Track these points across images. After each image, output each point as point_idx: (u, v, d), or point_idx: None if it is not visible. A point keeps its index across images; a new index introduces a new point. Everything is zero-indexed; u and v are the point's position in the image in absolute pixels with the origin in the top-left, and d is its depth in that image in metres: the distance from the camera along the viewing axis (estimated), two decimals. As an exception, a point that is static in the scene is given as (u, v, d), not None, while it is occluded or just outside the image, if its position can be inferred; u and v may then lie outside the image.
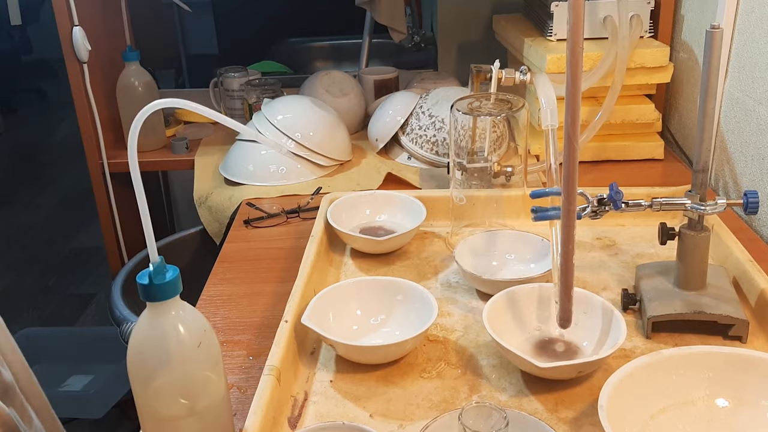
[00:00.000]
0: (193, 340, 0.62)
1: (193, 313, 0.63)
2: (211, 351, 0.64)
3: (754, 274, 0.90)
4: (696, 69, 1.38)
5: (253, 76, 1.71)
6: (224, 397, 0.66)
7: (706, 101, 0.81)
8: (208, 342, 0.64)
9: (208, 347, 0.63)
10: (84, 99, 1.55)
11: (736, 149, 1.22)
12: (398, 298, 0.89)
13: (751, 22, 1.16)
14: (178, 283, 0.61)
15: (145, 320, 0.62)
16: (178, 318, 0.62)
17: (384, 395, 0.78)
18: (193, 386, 0.63)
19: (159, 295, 0.60)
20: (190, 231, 1.56)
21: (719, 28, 0.79)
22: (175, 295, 0.61)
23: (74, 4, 1.47)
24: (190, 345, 0.62)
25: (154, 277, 0.60)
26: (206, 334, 0.64)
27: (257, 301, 0.99)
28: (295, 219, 1.23)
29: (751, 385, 0.72)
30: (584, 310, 0.84)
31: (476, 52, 1.86)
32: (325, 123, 1.42)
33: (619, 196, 0.86)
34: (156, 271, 0.60)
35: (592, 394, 0.76)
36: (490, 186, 1.13)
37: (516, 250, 1.01)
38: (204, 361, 0.64)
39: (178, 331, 0.61)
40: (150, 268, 0.60)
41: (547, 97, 1.05)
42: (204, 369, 0.64)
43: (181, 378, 0.63)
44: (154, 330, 0.61)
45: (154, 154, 1.63)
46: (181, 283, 0.62)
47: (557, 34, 1.38)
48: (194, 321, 0.63)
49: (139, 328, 0.62)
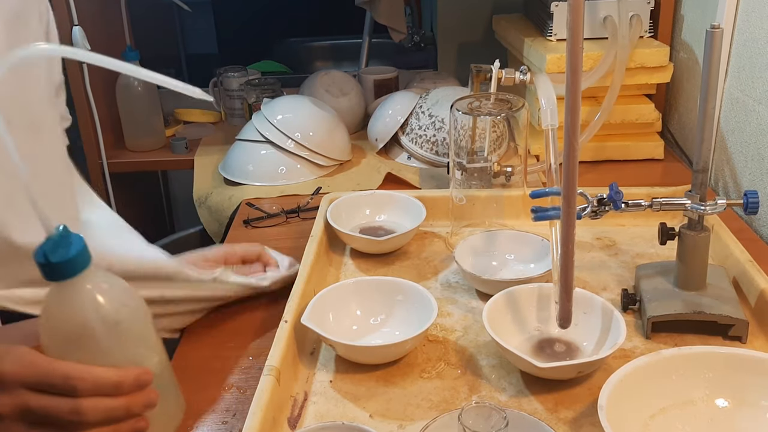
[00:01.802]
0: (111, 319, 0.56)
1: (109, 286, 0.56)
2: (135, 329, 0.57)
3: (754, 274, 0.90)
4: (696, 69, 1.38)
5: (252, 75, 1.71)
6: (161, 375, 0.60)
7: (706, 101, 0.81)
8: (131, 318, 0.57)
9: (131, 324, 0.57)
10: (84, 99, 1.55)
11: (736, 149, 1.22)
12: (398, 298, 0.89)
13: (751, 22, 1.16)
14: (85, 255, 0.52)
15: (52, 302, 0.55)
16: (89, 295, 0.54)
17: (384, 395, 0.78)
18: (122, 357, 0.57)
19: (63, 273, 0.52)
20: (189, 231, 1.56)
21: (719, 28, 0.78)
22: (84, 269, 0.53)
23: (74, 4, 1.47)
24: (106, 327, 0.56)
25: (50, 253, 0.51)
26: (127, 310, 0.57)
27: (257, 300, 0.99)
28: (295, 219, 1.23)
29: (751, 385, 0.72)
30: (584, 310, 0.84)
31: (476, 52, 1.86)
32: (324, 123, 1.41)
33: (619, 196, 0.86)
34: (55, 244, 0.51)
35: (592, 394, 0.76)
36: (490, 186, 1.13)
37: (516, 250, 1.01)
38: (126, 342, 0.57)
39: (90, 312, 0.54)
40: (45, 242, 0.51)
41: (547, 97, 1.05)
42: (128, 351, 0.58)
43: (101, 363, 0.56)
44: (63, 312, 0.54)
45: (153, 153, 1.63)
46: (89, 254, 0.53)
47: (557, 34, 1.38)
48: (111, 296, 0.56)
49: (46, 309, 0.55)
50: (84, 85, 1.55)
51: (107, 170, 1.61)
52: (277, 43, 2.70)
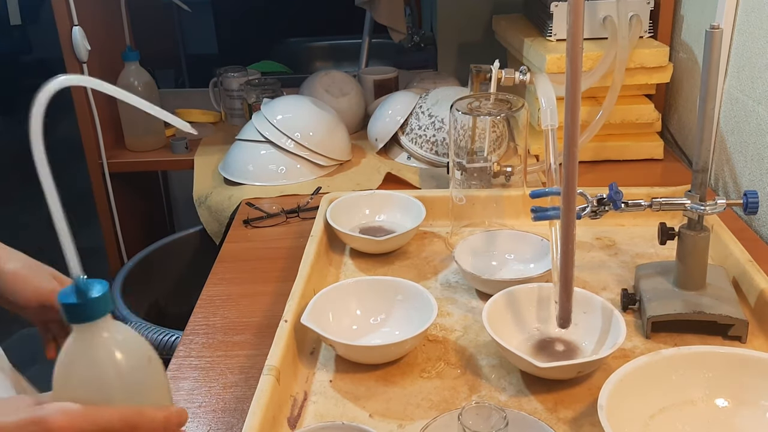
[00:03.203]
0: (136, 360, 0.55)
1: (131, 335, 0.56)
2: (158, 368, 0.57)
3: (753, 274, 0.90)
4: (696, 69, 1.38)
5: (252, 76, 1.71)
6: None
7: (705, 101, 0.81)
8: (155, 357, 0.56)
9: (155, 363, 0.56)
10: (84, 99, 1.55)
11: (736, 149, 1.22)
12: (398, 298, 0.89)
13: (751, 22, 1.16)
14: (108, 299, 0.53)
15: (73, 347, 0.54)
16: (111, 341, 0.54)
17: (383, 395, 0.78)
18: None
19: (89, 314, 0.53)
20: (189, 231, 1.56)
21: (719, 28, 0.78)
22: (106, 313, 0.54)
23: (74, 4, 1.47)
24: (132, 367, 0.55)
25: (82, 292, 0.52)
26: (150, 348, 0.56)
27: (257, 301, 0.99)
28: (295, 219, 1.23)
29: (751, 385, 0.72)
30: (584, 310, 0.84)
31: (476, 52, 1.86)
32: (324, 123, 1.41)
33: (618, 196, 0.86)
34: (83, 286, 0.52)
35: (592, 394, 0.76)
36: (489, 186, 1.13)
37: (516, 250, 1.01)
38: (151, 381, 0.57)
39: (114, 354, 0.54)
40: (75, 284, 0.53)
41: (547, 97, 1.05)
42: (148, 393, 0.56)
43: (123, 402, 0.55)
44: (84, 355, 0.54)
45: (153, 154, 1.63)
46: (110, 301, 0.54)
47: (557, 34, 1.38)
48: (133, 343, 0.56)
49: (66, 354, 0.54)
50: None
51: (107, 170, 1.61)
52: (277, 43, 2.70)
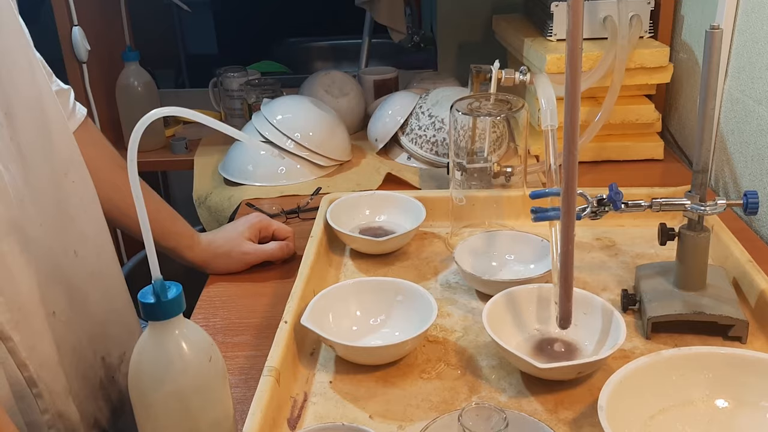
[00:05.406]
0: (200, 357, 0.61)
1: (196, 330, 0.62)
2: (218, 367, 0.63)
3: (753, 274, 0.90)
4: (696, 69, 1.38)
5: (252, 76, 1.71)
6: (229, 418, 0.66)
7: (706, 101, 0.81)
8: (216, 357, 0.62)
9: (216, 363, 0.62)
10: (83, 99, 1.55)
11: (736, 149, 1.22)
12: (398, 298, 0.89)
13: (751, 23, 1.16)
14: (182, 300, 0.60)
15: (147, 341, 0.60)
16: (182, 336, 0.60)
17: (383, 396, 0.78)
18: (199, 406, 0.62)
19: (164, 314, 0.59)
20: (189, 231, 1.56)
21: (719, 28, 0.78)
22: (180, 313, 0.60)
23: (74, 4, 1.47)
24: (196, 364, 0.61)
25: (160, 294, 0.58)
26: (212, 348, 0.62)
27: (257, 301, 0.99)
28: (295, 219, 1.23)
29: (751, 385, 0.72)
30: (584, 311, 0.83)
31: (476, 52, 1.86)
32: (324, 123, 1.41)
33: (618, 197, 0.86)
34: (160, 287, 0.58)
35: (592, 394, 0.76)
36: (489, 186, 1.13)
37: (516, 251, 1.01)
38: (212, 378, 0.62)
39: (182, 350, 0.60)
40: (153, 285, 0.58)
41: (547, 97, 1.05)
42: (210, 388, 0.63)
43: (188, 397, 0.61)
44: (158, 350, 0.60)
45: (153, 154, 1.63)
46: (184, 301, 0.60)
47: (557, 34, 1.38)
48: (198, 337, 0.62)
49: (141, 348, 0.61)
50: (84, 85, 1.55)
51: (107, 170, 1.61)
52: (277, 43, 2.70)
